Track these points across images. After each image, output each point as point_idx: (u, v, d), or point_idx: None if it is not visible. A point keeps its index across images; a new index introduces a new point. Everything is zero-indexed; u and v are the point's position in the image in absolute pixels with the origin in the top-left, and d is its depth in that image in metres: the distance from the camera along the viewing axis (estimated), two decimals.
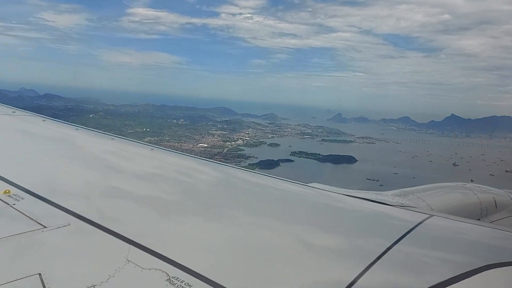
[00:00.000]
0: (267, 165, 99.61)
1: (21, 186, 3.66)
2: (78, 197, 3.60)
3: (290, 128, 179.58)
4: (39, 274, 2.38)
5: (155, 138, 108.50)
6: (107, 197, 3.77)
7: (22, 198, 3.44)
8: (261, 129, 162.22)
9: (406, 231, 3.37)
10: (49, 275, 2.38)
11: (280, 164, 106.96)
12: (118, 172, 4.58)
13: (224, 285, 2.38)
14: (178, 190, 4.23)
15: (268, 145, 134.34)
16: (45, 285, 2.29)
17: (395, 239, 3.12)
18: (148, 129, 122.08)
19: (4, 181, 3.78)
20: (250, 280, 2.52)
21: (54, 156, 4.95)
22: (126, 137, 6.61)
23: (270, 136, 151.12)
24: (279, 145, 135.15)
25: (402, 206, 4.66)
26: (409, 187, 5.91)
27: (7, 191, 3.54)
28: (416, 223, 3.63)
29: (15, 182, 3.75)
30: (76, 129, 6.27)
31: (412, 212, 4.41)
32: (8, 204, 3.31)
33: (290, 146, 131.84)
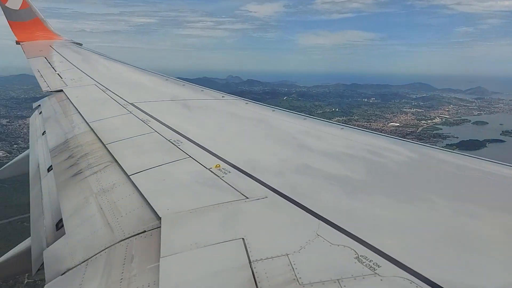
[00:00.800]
0: (470, 146, 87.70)
1: (229, 162, 4.14)
2: (275, 173, 3.84)
3: (502, 103, 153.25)
4: (243, 239, 2.67)
5: (343, 118, 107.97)
6: (300, 173, 3.88)
7: (229, 172, 3.88)
8: (464, 106, 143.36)
9: None
10: (251, 241, 2.64)
11: (486, 145, 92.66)
12: (310, 151, 4.69)
13: (416, 270, 2.26)
14: (368, 169, 4.10)
15: (473, 123, 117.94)
16: (248, 249, 2.55)
17: None
18: (336, 109, 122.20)
19: (215, 156, 4.33)
20: (445, 268, 2.33)
21: (255, 135, 5.41)
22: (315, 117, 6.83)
23: (475, 113, 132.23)
24: (487, 123, 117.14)
25: None
26: None
27: (218, 165, 4.04)
28: None
29: (224, 158, 4.26)
30: (273, 111, 6.71)
31: None
32: (218, 176, 3.79)
33: (501, 124, 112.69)
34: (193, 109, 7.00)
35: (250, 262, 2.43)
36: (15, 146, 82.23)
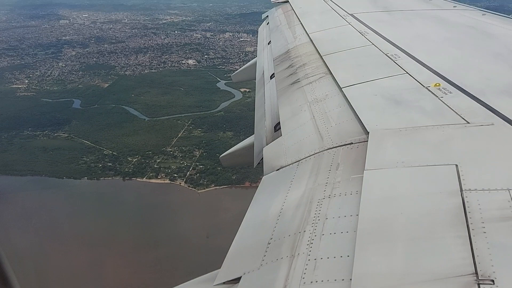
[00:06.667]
0: None
1: (451, 81, 3.83)
2: (507, 97, 3.46)
3: None
4: (456, 165, 2.55)
5: None
6: None
7: (450, 93, 3.62)
8: None
9: None
10: (466, 169, 2.53)
11: None
12: None
13: None
14: None
15: None
16: (460, 176, 2.46)
17: None
18: None
19: (436, 74, 4.05)
20: None
21: (488, 53, 4.77)
22: None
23: None
24: None
25: None
26: None
27: (438, 84, 3.79)
28: None
29: (446, 76, 3.97)
30: None
31: None
32: (436, 96, 3.60)
33: None
34: (416, 20, 6.57)
35: (461, 190, 2.34)
36: (205, 56, 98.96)
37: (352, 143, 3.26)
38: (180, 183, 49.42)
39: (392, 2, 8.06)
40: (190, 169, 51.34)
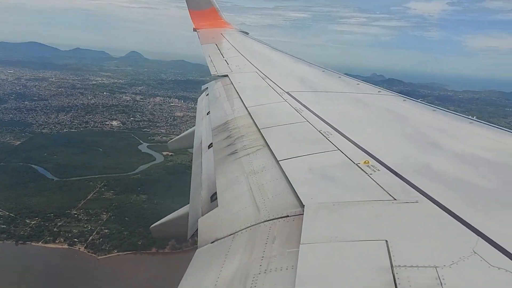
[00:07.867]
0: None
1: (379, 159, 4.00)
2: (429, 177, 3.59)
3: None
4: (386, 241, 2.61)
5: None
6: (459, 180, 3.60)
7: (378, 170, 3.75)
8: None
9: None
10: (395, 245, 2.57)
11: None
12: (475, 157, 4.27)
13: None
14: None
15: None
16: (390, 252, 2.50)
17: None
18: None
19: (365, 152, 4.21)
20: None
21: (409, 134, 5.05)
22: None
23: None
24: None
25: None
26: None
27: (367, 161, 3.94)
28: None
29: (374, 154, 4.13)
30: (434, 110, 6.15)
31: None
32: (366, 173, 3.72)
33: None
34: (346, 102, 7.06)
35: (392, 266, 2.38)
36: (131, 118, 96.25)
37: (288, 216, 3.28)
38: (80, 248, 46.58)
39: (324, 85, 8.60)
40: (94, 234, 48.84)
